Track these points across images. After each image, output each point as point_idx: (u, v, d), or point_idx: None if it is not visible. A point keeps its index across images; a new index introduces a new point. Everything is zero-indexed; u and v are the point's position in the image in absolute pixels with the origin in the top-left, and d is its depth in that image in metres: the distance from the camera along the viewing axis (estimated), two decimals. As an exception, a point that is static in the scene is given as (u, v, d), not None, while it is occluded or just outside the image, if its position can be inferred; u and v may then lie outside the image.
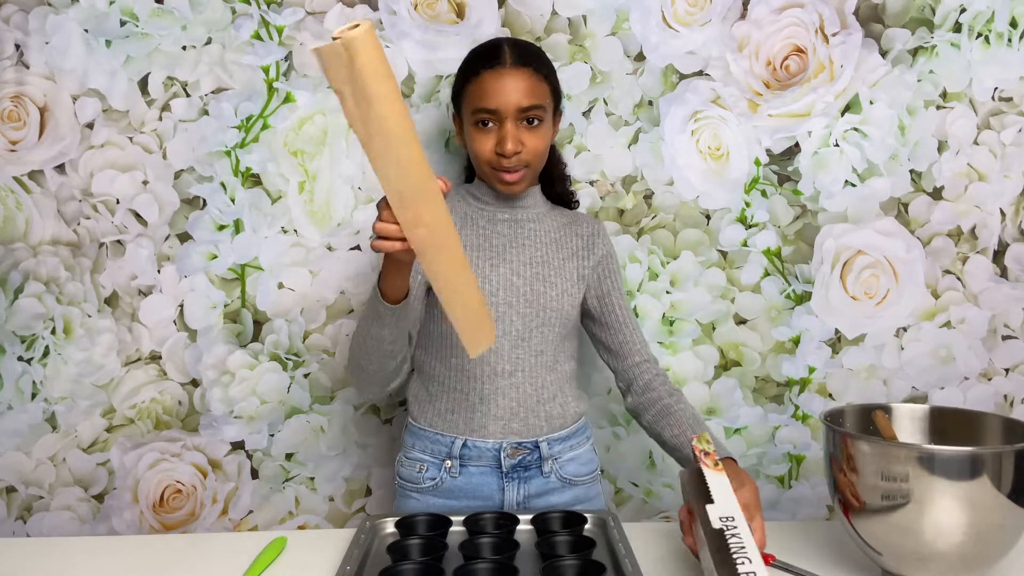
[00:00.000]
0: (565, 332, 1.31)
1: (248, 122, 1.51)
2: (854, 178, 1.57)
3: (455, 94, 1.28)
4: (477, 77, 1.22)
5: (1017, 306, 1.61)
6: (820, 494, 1.63)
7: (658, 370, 1.31)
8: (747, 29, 1.54)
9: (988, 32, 1.56)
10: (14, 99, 1.49)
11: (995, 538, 0.97)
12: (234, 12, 1.49)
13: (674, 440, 1.21)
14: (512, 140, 1.20)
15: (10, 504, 1.55)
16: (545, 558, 1.00)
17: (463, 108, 1.26)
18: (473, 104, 1.22)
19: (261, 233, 1.53)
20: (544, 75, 1.24)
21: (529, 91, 1.21)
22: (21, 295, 1.52)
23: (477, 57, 1.24)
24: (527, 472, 1.27)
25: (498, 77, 1.20)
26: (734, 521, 0.91)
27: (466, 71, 1.25)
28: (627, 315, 1.33)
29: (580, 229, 1.34)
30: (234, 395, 1.55)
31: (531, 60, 1.23)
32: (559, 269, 1.29)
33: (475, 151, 1.24)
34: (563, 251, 1.31)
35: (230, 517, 1.58)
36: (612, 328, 1.32)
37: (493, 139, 1.21)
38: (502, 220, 1.30)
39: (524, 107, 1.20)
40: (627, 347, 1.31)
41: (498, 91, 1.20)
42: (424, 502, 1.27)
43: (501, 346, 1.25)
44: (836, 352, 1.60)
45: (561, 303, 1.28)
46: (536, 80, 1.22)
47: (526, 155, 1.22)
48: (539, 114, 1.22)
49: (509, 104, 1.20)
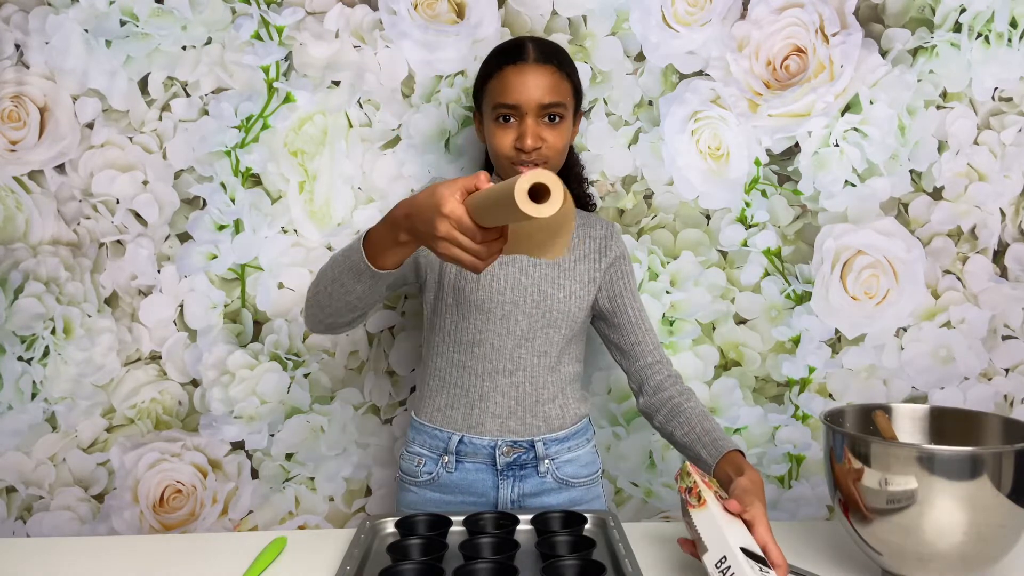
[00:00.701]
0: (571, 334, 1.30)
1: (248, 122, 1.51)
2: (854, 178, 1.57)
3: (476, 90, 1.29)
4: (499, 72, 1.22)
5: (1017, 306, 1.61)
6: (820, 494, 1.63)
7: (670, 371, 1.30)
8: (747, 29, 1.54)
9: (988, 32, 1.56)
10: (14, 99, 1.49)
11: (995, 538, 0.97)
12: (234, 12, 1.49)
13: (684, 439, 1.21)
14: (532, 136, 1.20)
15: (10, 504, 1.55)
16: (545, 558, 1.00)
17: (484, 103, 1.26)
18: (494, 99, 1.22)
19: (261, 233, 1.53)
20: (566, 73, 1.24)
21: (551, 88, 1.21)
22: (21, 295, 1.52)
23: (500, 53, 1.25)
24: (522, 471, 1.27)
25: (520, 73, 1.21)
26: (727, 562, 0.91)
27: (488, 67, 1.25)
28: (639, 316, 1.32)
29: (593, 231, 1.34)
30: (234, 395, 1.55)
31: (553, 57, 1.23)
32: (569, 271, 1.29)
33: (495, 146, 1.24)
34: (575, 253, 1.31)
35: (230, 517, 1.58)
36: (624, 329, 1.31)
37: (513, 134, 1.21)
38: None
39: (545, 104, 1.20)
40: (639, 348, 1.30)
41: (520, 87, 1.20)
42: (421, 496, 1.28)
43: (504, 344, 1.25)
44: (836, 352, 1.60)
45: (568, 305, 1.28)
46: (558, 77, 1.22)
47: (546, 151, 1.22)
48: (560, 111, 1.22)
49: (531, 100, 1.20)
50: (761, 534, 0.98)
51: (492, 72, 1.24)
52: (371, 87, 1.52)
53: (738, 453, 1.13)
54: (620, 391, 1.59)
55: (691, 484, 1.01)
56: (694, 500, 0.99)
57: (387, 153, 1.53)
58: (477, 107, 1.30)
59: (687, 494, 1.00)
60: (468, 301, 1.24)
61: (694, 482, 1.01)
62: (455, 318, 1.26)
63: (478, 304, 1.24)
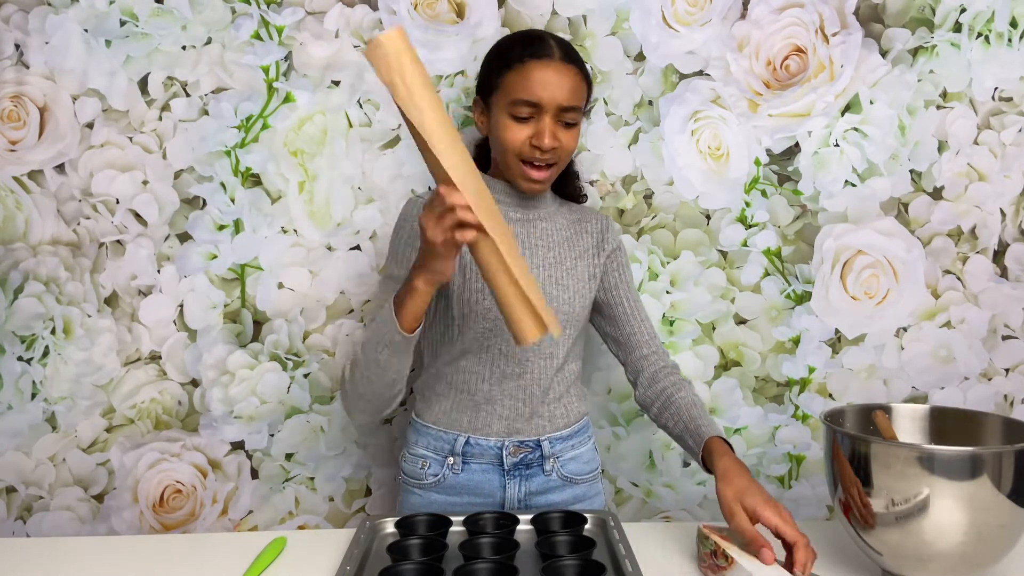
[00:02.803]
0: (575, 334, 1.30)
1: (248, 122, 1.51)
2: (854, 178, 1.57)
3: (486, 78, 1.24)
4: (522, 66, 1.18)
5: (1017, 306, 1.61)
6: (820, 494, 1.63)
7: (666, 362, 1.30)
8: (747, 29, 1.54)
9: (988, 32, 1.56)
10: (14, 99, 1.49)
11: (995, 538, 0.97)
12: (234, 12, 1.49)
13: (675, 432, 1.22)
14: (550, 135, 1.18)
15: (10, 504, 1.55)
16: (545, 558, 1.00)
17: (497, 94, 1.21)
18: (514, 93, 1.18)
19: (261, 233, 1.53)
20: (585, 77, 1.23)
21: (574, 90, 1.19)
22: (21, 295, 1.52)
23: (522, 45, 1.20)
24: (528, 470, 1.27)
25: (545, 69, 1.17)
26: None
27: (507, 57, 1.20)
28: (635, 307, 1.33)
29: (590, 226, 1.34)
30: (234, 395, 1.55)
31: (577, 59, 1.22)
32: (571, 270, 1.29)
33: (506, 140, 1.20)
34: (574, 250, 1.31)
35: (230, 517, 1.58)
36: (619, 321, 1.32)
37: (529, 131, 1.19)
38: (515, 220, 1.28)
39: (566, 106, 1.18)
40: (635, 339, 1.31)
41: (545, 84, 1.17)
42: (426, 498, 1.27)
43: (511, 350, 1.24)
44: (836, 352, 1.60)
45: (573, 305, 1.27)
46: (579, 80, 1.21)
47: (560, 152, 1.21)
48: (576, 116, 1.21)
49: (554, 99, 1.17)
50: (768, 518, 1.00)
51: (512, 63, 1.19)
52: (371, 87, 1.52)
53: (718, 440, 1.14)
54: (620, 391, 1.59)
55: (712, 547, 1.02)
56: (722, 561, 1.00)
57: (387, 153, 1.53)
58: (483, 95, 1.25)
59: (713, 558, 1.02)
60: (474, 311, 1.23)
61: (715, 544, 1.02)
62: (461, 327, 1.24)
63: (483, 313, 1.23)
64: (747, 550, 1.01)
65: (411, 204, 1.27)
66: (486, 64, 1.26)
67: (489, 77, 1.23)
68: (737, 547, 1.01)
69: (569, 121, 1.20)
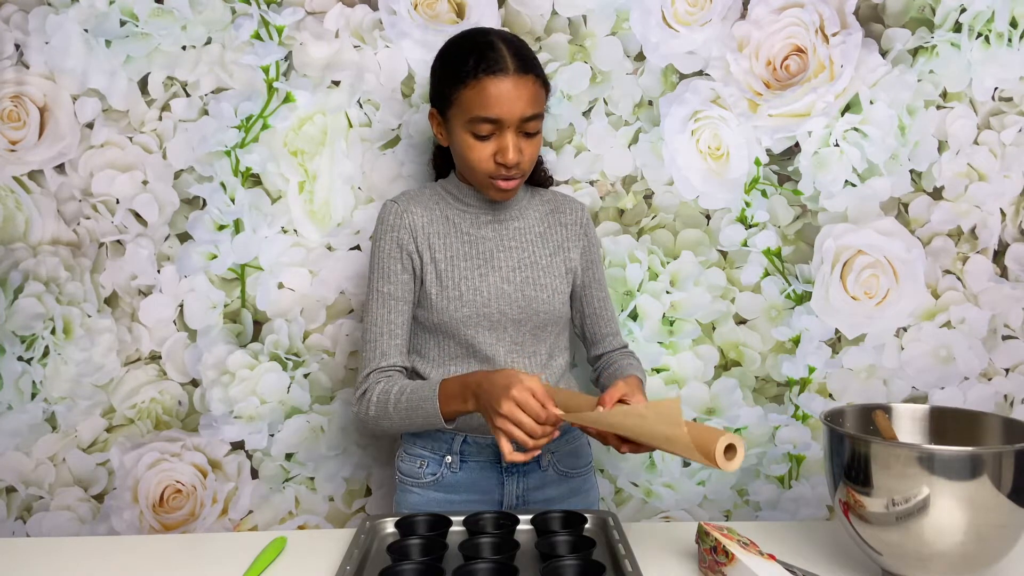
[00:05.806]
0: (558, 329, 1.32)
1: (248, 122, 1.51)
2: (854, 178, 1.57)
3: (439, 92, 1.21)
4: (477, 82, 1.14)
5: (1017, 306, 1.61)
6: (820, 494, 1.63)
7: (621, 343, 1.38)
8: (747, 29, 1.54)
9: (988, 32, 1.56)
10: (14, 99, 1.49)
11: (995, 538, 0.97)
12: (234, 12, 1.49)
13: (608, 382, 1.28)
14: (515, 150, 1.17)
15: (10, 504, 1.55)
16: (545, 558, 1.00)
17: (453, 110, 1.18)
18: (471, 111, 1.15)
19: (261, 233, 1.53)
20: (542, 80, 1.21)
21: (532, 99, 1.17)
22: (21, 295, 1.52)
23: (475, 58, 1.15)
24: (525, 466, 1.28)
25: (501, 85, 1.14)
26: None
27: (460, 72, 1.16)
28: (603, 305, 1.37)
29: (563, 218, 1.34)
30: (234, 395, 1.55)
31: (532, 66, 1.18)
32: (547, 268, 1.29)
33: (470, 160, 1.18)
34: (549, 246, 1.31)
35: (230, 517, 1.58)
36: (588, 319, 1.37)
37: (491, 148, 1.17)
38: (486, 222, 1.28)
39: (527, 116, 1.16)
40: (598, 335, 1.37)
41: (502, 100, 1.14)
42: (425, 496, 1.28)
43: (496, 353, 1.25)
44: (836, 352, 1.60)
45: (553, 303, 1.28)
46: (537, 87, 1.18)
47: (525, 164, 1.20)
48: (538, 124, 1.20)
49: (513, 114, 1.15)
50: (610, 394, 1.06)
51: (465, 79, 1.14)
52: (371, 87, 1.52)
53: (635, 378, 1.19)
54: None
55: (713, 543, 1.02)
56: (723, 558, 1.00)
57: (387, 153, 1.53)
58: (438, 107, 1.22)
59: (713, 554, 1.02)
60: (454, 319, 1.23)
61: (715, 540, 1.02)
62: (445, 336, 1.25)
63: (464, 320, 1.23)
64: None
65: (387, 210, 1.27)
66: (437, 76, 1.22)
67: (442, 91, 1.20)
68: (737, 544, 1.01)
69: (530, 130, 1.18)
